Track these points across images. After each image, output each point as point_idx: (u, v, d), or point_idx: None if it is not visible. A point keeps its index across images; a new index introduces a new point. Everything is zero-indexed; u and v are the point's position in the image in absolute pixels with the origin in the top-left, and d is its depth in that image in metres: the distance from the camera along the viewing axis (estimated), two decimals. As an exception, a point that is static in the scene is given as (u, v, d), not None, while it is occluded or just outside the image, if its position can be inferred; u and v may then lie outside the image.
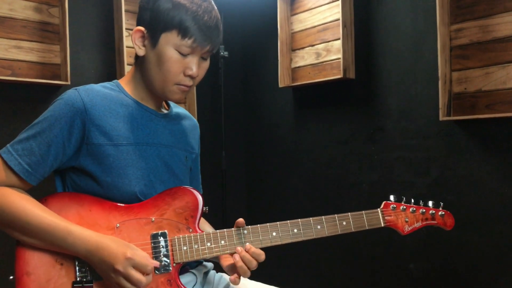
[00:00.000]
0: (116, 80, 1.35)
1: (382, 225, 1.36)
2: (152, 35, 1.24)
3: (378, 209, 1.37)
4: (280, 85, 2.87)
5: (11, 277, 1.14)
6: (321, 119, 2.83)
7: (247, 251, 1.22)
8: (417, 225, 1.38)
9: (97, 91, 1.26)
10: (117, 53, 2.78)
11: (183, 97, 1.32)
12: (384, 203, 1.38)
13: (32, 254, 1.15)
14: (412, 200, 1.39)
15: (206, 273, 1.41)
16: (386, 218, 1.36)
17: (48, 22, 2.57)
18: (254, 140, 3.29)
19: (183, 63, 1.25)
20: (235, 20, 3.21)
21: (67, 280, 1.15)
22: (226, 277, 1.42)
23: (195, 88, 2.95)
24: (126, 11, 2.75)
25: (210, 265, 1.45)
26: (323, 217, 1.31)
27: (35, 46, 2.53)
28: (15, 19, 2.48)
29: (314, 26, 2.79)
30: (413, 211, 1.38)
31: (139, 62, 1.31)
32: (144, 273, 1.13)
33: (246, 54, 3.32)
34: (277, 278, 2.77)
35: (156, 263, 1.17)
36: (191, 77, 1.27)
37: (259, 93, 3.24)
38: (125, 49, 2.73)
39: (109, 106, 1.25)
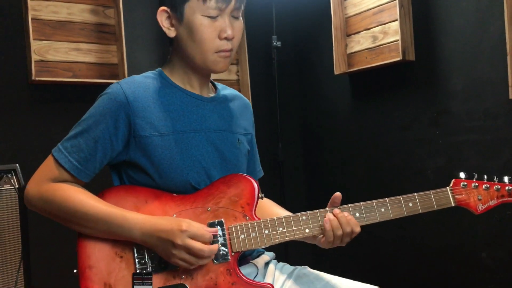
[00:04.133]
0: (159, 68, 1.33)
1: (453, 204, 1.27)
2: (176, 10, 1.23)
3: (447, 187, 1.28)
4: (336, 72, 2.80)
5: (75, 271, 1.17)
6: (380, 104, 2.73)
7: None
8: (492, 203, 1.27)
9: (138, 83, 1.25)
10: (171, 50, 2.81)
11: (227, 64, 1.27)
12: (454, 181, 1.28)
13: (93, 248, 1.18)
14: (485, 177, 1.29)
15: (267, 264, 1.38)
16: (456, 197, 1.27)
17: (104, 23, 2.64)
18: (311, 130, 3.23)
19: (214, 26, 1.22)
20: (287, 9, 3.16)
21: (128, 273, 1.16)
22: (288, 266, 1.38)
23: (249, 80, 2.94)
24: (178, 7, 2.77)
25: (271, 254, 1.41)
26: (387, 199, 1.24)
27: (93, 48, 2.60)
28: (74, 23, 2.55)
29: (369, 9, 2.68)
30: (487, 188, 1.27)
31: (174, 44, 1.29)
32: (204, 243, 1.12)
33: (299, 43, 3.26)
34: (338, 268, 2.70)
35: (214, 230, 1.16)
36: (227, 39, 1.23)
37: (314, 81, 3.17)
38: (179, 45, 2.75)
39: (152, 96, 1.24)
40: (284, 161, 2.93)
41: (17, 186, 1.64)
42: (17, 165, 1.68)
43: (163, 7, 1.25)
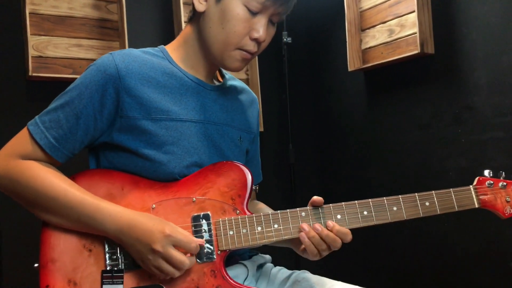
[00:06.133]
0: (162, 46, 1.19)
1: (476, 206, 1.14)
2: None
3: (471, 186, 1.14)
4: (350, 68, 2.66)
5: (36, 265, 1.03)
6: (398, 102, 2.57)
7: (330, 230, 1.03)
8: None
9: (134, 57, 1.10)
10: (177, 47, 2.70)
11: (243, 66, 1.14)
12: (478, 179, 1.15)
13: (58, 239, 1.03)
14: None
15: (261, 266, 1.22)
16: (481, 197, 1.13)
17: (107, 18, 2.55)
18: (324, 130, 3.09)
19: (250, 23, 1.08)
20: (298, 3, 3.02)
21: (96, 269, 1.01)
22: (285, 270, 1.22)
23: (258, 78, 2.81)
24: (184, 3, 2.67)
25: (268, 257, 1.26)
26: (400, 196, 1.10)
27: (94, 44, 2.51)
28: (75, 18, 2.47)
29: (385, 1, 2.54)
30: None
31: (196, 20, 1.14)
32: (186, 253, 0.98)
33: (311, 39, 3.13)
34: (348, 275, 2.51)
35: (201, 241, 1.01)
36: (257, 41, 1.10)
37: (327, 79, 3.03)
38: (185, 42, 2.65)
39: (148, 74, 1.09)
40: (295, 164, 2.78)
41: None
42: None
43: None
